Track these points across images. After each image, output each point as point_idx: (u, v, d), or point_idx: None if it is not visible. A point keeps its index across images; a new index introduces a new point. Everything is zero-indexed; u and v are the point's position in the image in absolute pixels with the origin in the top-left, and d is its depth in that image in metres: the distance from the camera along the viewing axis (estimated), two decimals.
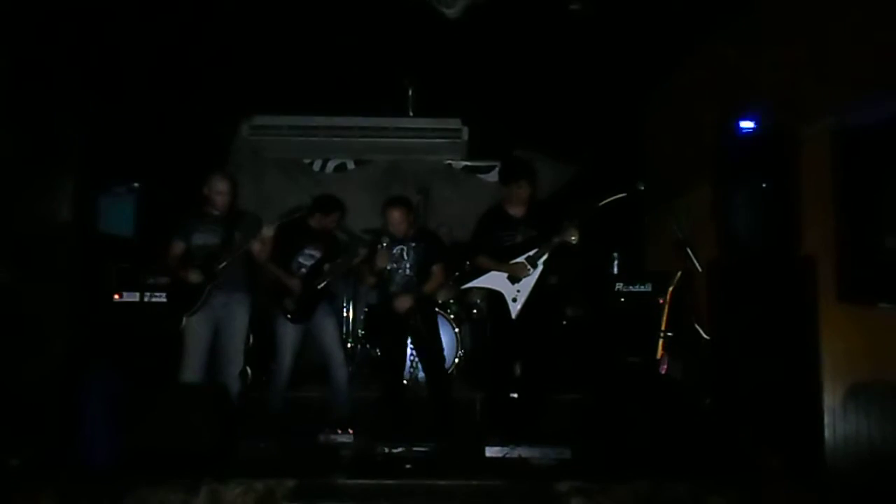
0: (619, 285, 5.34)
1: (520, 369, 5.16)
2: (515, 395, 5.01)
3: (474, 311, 6.55)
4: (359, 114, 7.10)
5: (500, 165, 5.42)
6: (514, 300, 4.78)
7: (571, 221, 4.65)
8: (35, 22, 4.68)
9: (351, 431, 4.72)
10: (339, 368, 5.25)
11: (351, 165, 7.90)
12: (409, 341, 5.30)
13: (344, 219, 5.63)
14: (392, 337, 5.20)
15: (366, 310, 6.93)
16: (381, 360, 5.45)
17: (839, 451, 3.60)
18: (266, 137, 7.27)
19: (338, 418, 5.01)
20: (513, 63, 5.90)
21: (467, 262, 5.51)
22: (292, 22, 5.17)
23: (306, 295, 5.17)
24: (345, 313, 7.00)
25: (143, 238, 5.71)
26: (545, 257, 4.76)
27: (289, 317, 5.14)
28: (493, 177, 7.54)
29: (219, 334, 4.80)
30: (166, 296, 5.09)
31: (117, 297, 5.34)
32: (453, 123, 7.19)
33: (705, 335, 4.61)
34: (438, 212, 7.26)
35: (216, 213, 4.88)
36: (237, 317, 4.84)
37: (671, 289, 4.79)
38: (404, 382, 5.55)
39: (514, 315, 4.78)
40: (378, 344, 5.93)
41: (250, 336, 5.18)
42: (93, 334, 5.04)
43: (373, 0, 4.62)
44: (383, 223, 5.13)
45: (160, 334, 4.96)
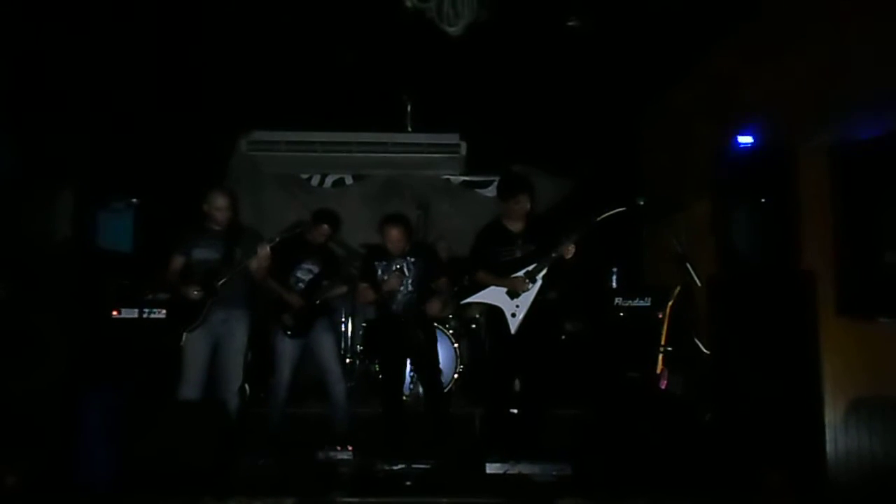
0: (619, 300, 5.35)
1: (519, 385, 5.14)
2: (515, 411, 4.99)
3: (473, 326, 6.54)
4: (357, 129, 7.11)
5: (498, 181, 5.40)
6: (514, 315, 4.77)
7: (569, 235, 4.65)
8: (36, 39, 4.70)
9: (350, 448, 4.68)
10: (337, 384, 5.23)
11: (349, 180, 7.91)
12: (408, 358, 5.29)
13: (336, 232, 5.62)
14: (392, 353, 5.19)
15: (364, 325, 6.91)
16: (381, 376, 5.42)
17: (841, 467, 3.58)
18: (264, 153, 7.27)
19: (337, 435, 4.99)
20: (511, 78, 5.92)
21: (466, 277, 5.51)
22: (291, 38, 5.19)
23: (304, 310, 5.16)
24: (343, 328, 6.98)
25: (142, 254, 5.71)
26: (544, 272, 4.75)
27: (288, 332, 5.13)
28: (492, 191, 7.55)
29: (218, 351, 4.78)
30: (165, 312, 5.09)
31: (116, 313, 5.33)
32: (452, 139, 7.20)
33: (705, 350, 4.61)
34: (437, 226, 7.26)
35: (216, 229, 4.87)
36: (236, 333, 4.83)
37: (671, 303, 4.79)
38: (404, 399, 5.53)
39: (513, 330, 4.76)
40: (377, 360, 5.90)
41: (248, 352, 5.16)
42: (91, 351, 5.03)
43: (371, 16, 4.64)
44: (382, 241, 5.12)
45: (159, 350, 4.95)
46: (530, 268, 4.76)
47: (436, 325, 5.80)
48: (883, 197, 3.38)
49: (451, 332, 6.39)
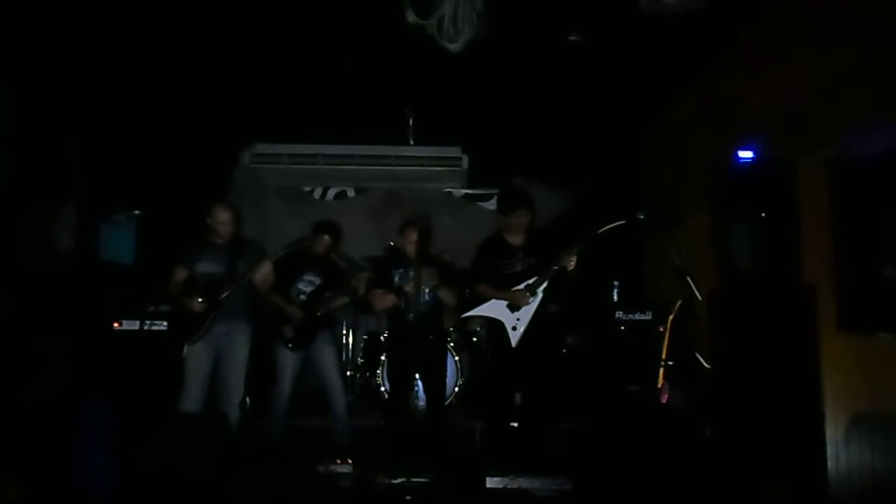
0: (619, 313, 5.35)
1: (520, 398, 5.13)
2: (515, 425, 4.98)
3: (474, 339, 6.53)
4: (359, 142, 7.14)
5: (499, 194, 5.42)
6: (514, 328, 4.77)
7: (570, 249, 4.66)
8: (39, 52, 4.73)
9: (350, 461, 4.68)
10: (338, 397, 5.23)
11: (351, 193, 7.94)
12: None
13: (337, 243, 5.62)
14: (403, 363, 5.13)
15: (365, 337, 6.91)
16: (390, 385, 5.37)
17: (842, 482, 3.56)
18: (267, 165, 7.31)
19: (337, 448, 4.98)
20: (513, 92, 5.95)
21: (467, 291, 5.50)
22: (294, 51, 5.22)
23: (306, 322, 5.17)
24: (344, 341, 6.98)
25: (144, 266, 5.72)
26: (545, 285, 4.76)
27: (289, 345, 5.14)
28: (493, 205, 7.56)
29: (219, 363, 4.79)
30: (168, 323, 5.09)
31: (117, 325, 5.34)
32: (453, 152, 7.23)
33: (706, 364, 4.60)
34: (438, 239, 7.23)
35: (220, 242, 4.89)
36: (238, 346, 4.83)
37: (671, 317, 4.79)
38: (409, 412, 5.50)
39: (513, 343, 4.76)
40: (388, 368, 5.83)
41: (250, 364, 5.15)
42: (92, 363, 5.03)
43: (373, 30, 4.67)
44: (398, 243, 5.12)
45: (160, 363, 4.95)
46: (531, 281, 4.76)
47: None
48: (883, 211, 3.38)
49: (451, 344, 6.38)
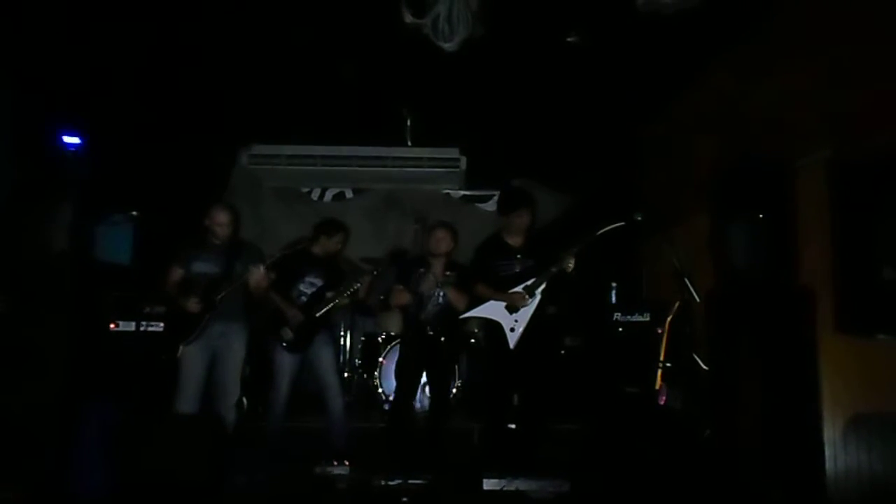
0: (618, 315, 5.34)
1: (518, 400, 5.12)
2: (513, 426, 4.97)
3: (472, 340, 6.52)
4: (357, 143, 7.14)
5: (498, 195, 5.41)
6: (512, 330, 4.76)
7: (568, 250, 4.65)
8: (36, 54, 4.72)
9: (347, 463, 4.67)
10: (335, 398, 5.21)
11: (349, 194, 7.92)
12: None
13: (347, 242, 5.61)
14: (413, 366, 5.13)
15: (363, 339, 6.90)
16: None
17: (840, 484, 3.56)
18: (265, 166, 7.30)
19: (334, 449, 4.97)
20: (511, 93, 5.94)
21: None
22: (292, 52, 5.21)
23: (305, 324, 5.15)
24: (342, 342, 6.97)
25: (141, 267, 5.70)
26: (543, 287, 4.75)
27: (284, 345, 5.11)
28: (491, 206, 7.57)
29: (215, 364, 4.78)
30: (163, 324, 5.08)
31: (113, 326, 5.32)
32: (451, 153, 7.22)
33: (704, 366, 4.59)
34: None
35: (217, 243, 4.88)
36: (234, 347, 4.82)
37: (669, 319, 4.78)
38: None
39: (512, 345, 4.75)
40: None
41: (247, 366, 5.15)
42: (89, 364, 5.01)
43: (371, 31, 4.66)
44: (425, 243, 5.15)
45: (156, 364, 4.94)
46: (529, 282, 4.76)
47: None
48: (881, 213, 3.37)
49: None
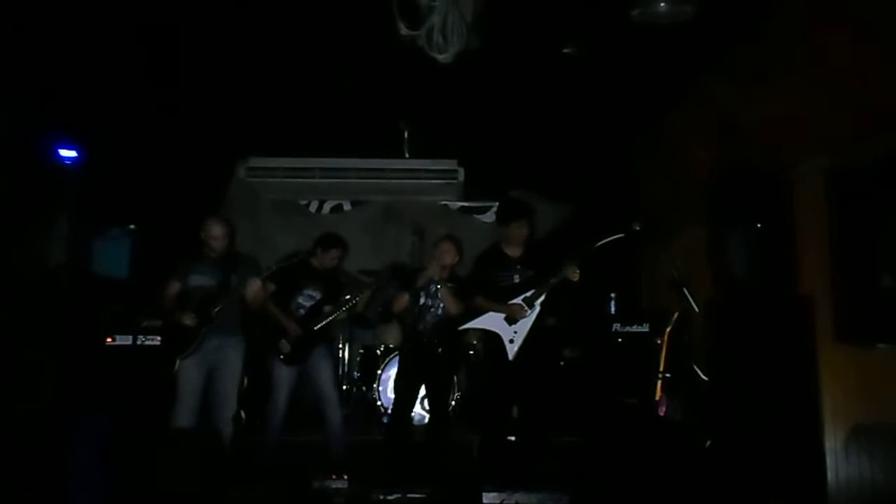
0: (617, 326, 5.33)
1: (517, 412, 5.10)
2: (513, 439, 4.94)
3: (471, 352, 6.50)
4: (355, 155, 7.13)
5: (497, 205, 5.41)
6: (512, 341, 4.74)
7: (572, 259, 4.63)
8: (31, 67, 4.72)
9: (346, 477, 4.63)
10: (334, 411, 5.19)
11: (347, 206, 7.92)
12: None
13: (345, 257, 5.60)
14: (411, 378, 5.10)
15: (361, 351, 6.88)
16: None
17: (842, 494, 3.53)
18: (262, 179, 7.29)
19: (332, 463, 4.94)
20: (508, 105, 5.94)
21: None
22: (289, 64, 5.22)
23: (303, 337, 5.13)
24: (340, 354, 6.94)
25: (138, 280, 5.69)
26: (542, 298, 4.73)
27: (282, 358, 5.09)
28: (489, 217, 7.57)
29: (212, 378, 4.76)
30: (160, 338, 5.06)
31: (110, 340, 5.30)
32: (449, 164, 7.22)
33: (704, 376, 4.57)
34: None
35: (213, 256, 4.87)
36: (231, 361, 4.80)
37: (668, 329, 4.76)
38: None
39: (511, 356, 4.73)
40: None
41: (245, 378, 5.13)
42: (84, 378, 4.99)
43: (368, 43, 4.67)
44: (429, 254, 5.13)
45: (153, 378, 4.91)
46: (528, 294, 4.74)
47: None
48: (880, 221, 3.36)
49: None
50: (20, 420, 4.42)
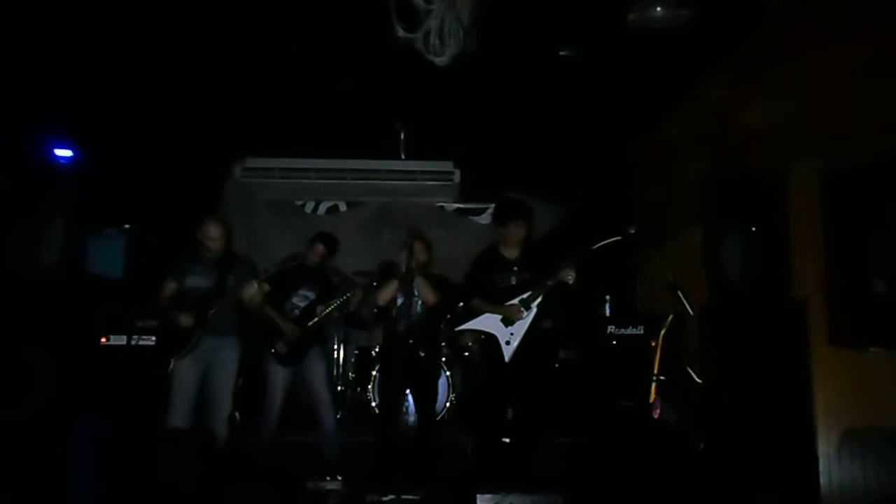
0: (612, 328, 5.35)
1: (512, 413, 5.10)
2: (507, 440, 4.94)
3: (466, 353, 6.50)
4: (351, 156, 7.14)
5: (495, 205, 5.41)
6: (508, 343, 4.74)
7: (569, 261, 4.64)
8: (27, 66, 4.72)
9: (339, 478, 4.64)
10: (327, 413, 5.19)
11: (343, 207, 7.93)
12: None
13: (332, 254, 5.60)
14: (396, 379, 5.10)
15: (356, 352, 6.88)
16: (380, 400, 5.31)
17: (835, 497, 3.55)
18: (258, 179, 7.29)
19: (326, 464, 4.94)
20: (504, 107, 5.96)
21: (460, 304, 5.48)
22: (285, 65, 5.22)
23: (299, 338, 5.13)
24: (335, 355, 6.94)
25: (133, 280, 5.67)
26: (539, 300, 4.74)
27: (280, 360, 5.09)
28: (485, 219, 7.59)
29: (207, 378, 4.75)
30: (155, 338, 5.05)
31: (104, 340, 5.29)
32: (445, 166, 7.22)
33: (698, 379, 4.58)
34: (430, 253, 7.25)
35: (210, 256, 4.87)
36: (226, 361, 4.80)
37: (663, 332, 4.76)
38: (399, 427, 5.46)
39: (507, 358, 4.72)
40: (379, 384, 5.78)
41: (239, 379, 5.12)
42: (79, 378, 4.98)
43: (365, 44, 4.67)
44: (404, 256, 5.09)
45: (147, 378, 4.91)
46: (525, 295, 4.74)
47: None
48: (873, 225, 3.38)
49: (443, 359, 6.35)
50: (15, 420, 4.40)
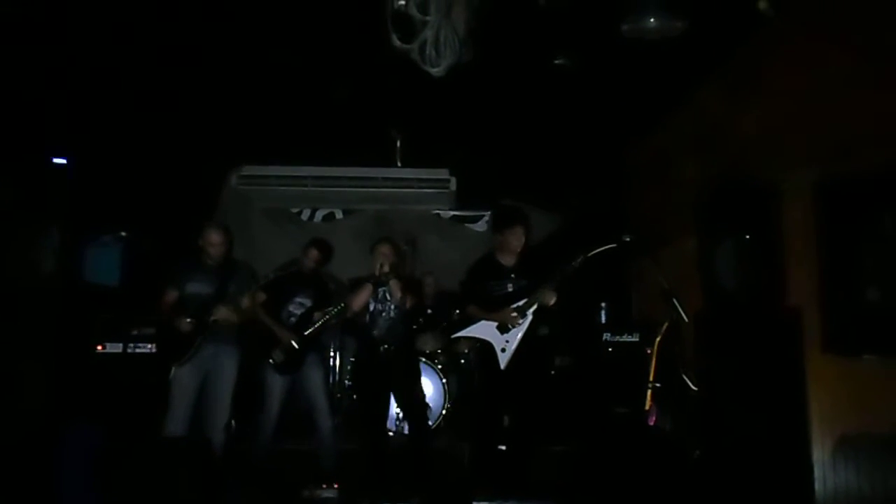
0: (607, 335, 5.35)
1: (508, 421, 5.10)
2: (503, 447, 4.94)
3: (462, 360, 6.50)
4: (347, 164, 7.15)
5: (493, 213, 5.42)
6: (503, 350, 4.74)
7: (549, 284, 4.65)
8: (23, 75, 4.72)
9: (336, 486, 4.63)
10: (324, 420, 5.18)
11: (339, 215, 7.95)
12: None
13: (327, 260, 5.60)
14: (375, 386, 5.09)
15: (353, 360, 6.86)
16: (363, 410, 5.31)
17: None
18: (255, 187, 7.30)
19: (323, 472, 4.93)
20: (500, 115, 5.97)
21: (456, 311, 5.48)
22: (282, 74, 5.23)
23: (296, 346, 5.12)
24: (332, 363, 6.93)
25: (130, 288, 5.67)
26: (535, 307, 4.75)
27: (278, 368, 5.09)
28: (481, 226, 7.62)
29: (206, 386, 4.75)
30: (156, 345, 5.04)
31: (100, 348, 5.27)
32: (441, 174, 7.25)
33: (693, 386, 4.59)
34: (426, 261, 7.27)
35: (210, 263, 4.88)
36: (226, 369, 4.80)
37: (658, 339, 4.78)
38: (389, 434, 5.46)
39: (502, 365, 4.73)
40: (361, 393, 5.80)
41: (237, 386, 5.11)
42: (74, 386, 4.97)
43: (361, 53, 4.69)
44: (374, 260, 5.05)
45: (143, 386, 4.90)
46: (521, 303, 4.75)
47: (423, 359, 5.77)
48: (866, 234, 3.40)
49: (439, 366, 6.35)
50: (10, 428, 4.39)
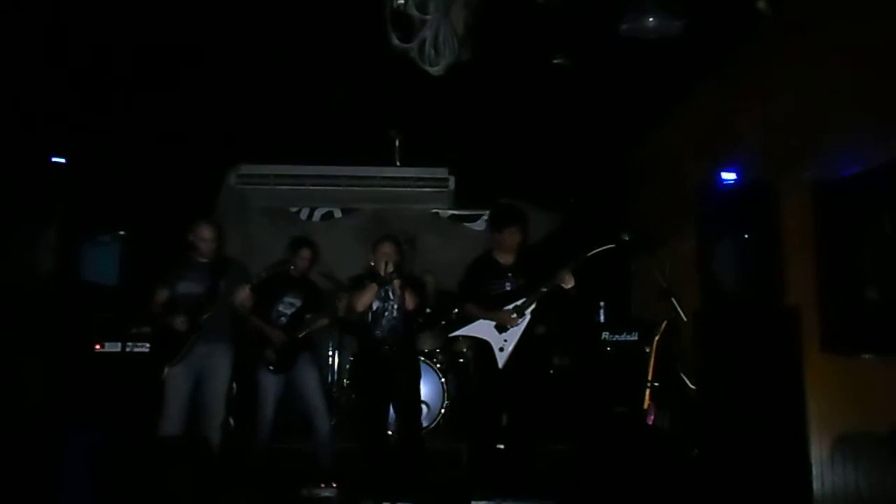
0: (606, 334, 5.35)
1: (506, 420, 5.10)
2: (502, 447, 4.94)
3: (460, 360, 6.50)
4: (346, 163, 7.15)
5: (491, 211, 5.42)
6: (502, 349, 4.74)
7: (566, 266, 4.63)
8: (20, 72, 4.71)
9: (334, 485, 4.62)
10: (321, 419, 5.18)
11: (338, 214, 7.93)
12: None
13: (316, 259, 5.58)
14: (377, 386, 5.06)
15: (351, 359, 6.86)
16: (363, 409, 5.30)
17: (828, 503, 3.56)
18: (253, 186, 7.29)
19: (321, 471, 4.93)
20: (499, 114, 5.97)
21: (455, 310, 5.48)
22: (281, 72, 5.23)
23: (287, 345, 5.12)
24: (329, 362, 6.93)
25: (128, 287, 5.66)
26: (533, 306, 4.75)
27: (270, 368, 5.09)
28: (480, 225, 7.60)
29: (200, 385, 4.74)
30: (149, 345, 5.03)
31: (98, 347, 5.26)
32: (440, 173, 7.24)
33: (692, 385, 4.60)
34: (424, 260, 7.26)
35: (202, 261, 4.85)
36: (219, 368, 4.79)
37: (657, 338, 4.79)
38: (388, 434, 5.45)
39: (501, 364, 4.73)
40: (362, 392, 5.78)
41: (233, 385, 5.11)
42: (72, 386, 4.96)
43: (360, 52, 4.69)
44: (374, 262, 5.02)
45: (142, 385, 4.89)
46: (519, 302, 4.74)
47: (421, 358, 5.77)
48: (865, 233, 3.41)
49: (437, 366, 6.35)
50: (8, 428, 4.38)
